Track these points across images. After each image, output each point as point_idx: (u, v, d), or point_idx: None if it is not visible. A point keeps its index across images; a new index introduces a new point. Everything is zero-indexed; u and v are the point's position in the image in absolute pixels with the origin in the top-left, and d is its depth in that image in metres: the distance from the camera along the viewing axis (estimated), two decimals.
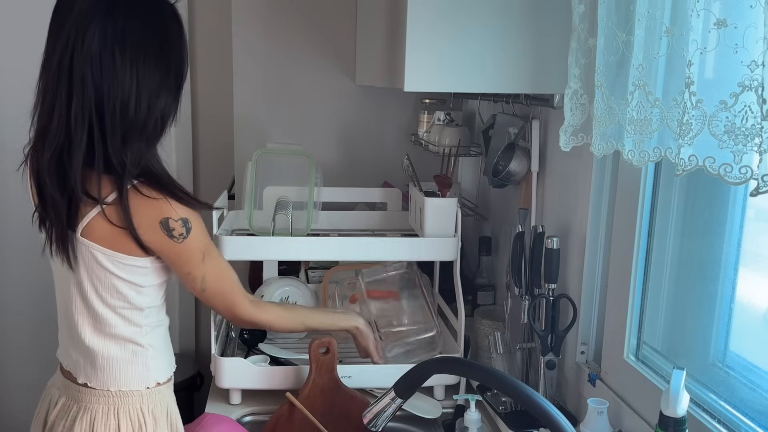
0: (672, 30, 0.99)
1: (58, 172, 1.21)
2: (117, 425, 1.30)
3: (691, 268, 1.30)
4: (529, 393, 1.04)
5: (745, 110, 0.85)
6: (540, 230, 1.53)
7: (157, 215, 1.23)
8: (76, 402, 1.33)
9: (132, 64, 1.19)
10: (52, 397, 1.38)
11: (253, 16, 2.20)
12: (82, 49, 1.16)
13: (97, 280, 1.27)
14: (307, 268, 2.04)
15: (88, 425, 1.30)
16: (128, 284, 1.28)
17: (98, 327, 1.30)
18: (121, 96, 1.19)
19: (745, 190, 1.13)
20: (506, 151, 1.67)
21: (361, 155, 2.32)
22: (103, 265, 1.26)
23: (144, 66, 1.20)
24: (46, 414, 1.38)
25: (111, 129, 1.19)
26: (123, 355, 1.31)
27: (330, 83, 2.26)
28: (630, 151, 1.10)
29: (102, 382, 1.31)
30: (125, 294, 1.28)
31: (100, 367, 1.31)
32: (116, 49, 1.17)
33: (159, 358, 1.37)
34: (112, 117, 1.19)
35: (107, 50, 1.17)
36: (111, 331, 1.30)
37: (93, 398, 1.32)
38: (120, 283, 1.27)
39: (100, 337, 1.30)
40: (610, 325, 1.44)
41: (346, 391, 1.54)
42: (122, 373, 1.32)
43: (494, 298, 1.97)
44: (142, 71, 1.20)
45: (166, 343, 1.41)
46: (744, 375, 1.15)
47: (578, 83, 1.26)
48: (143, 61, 1.20)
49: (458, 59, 1.40)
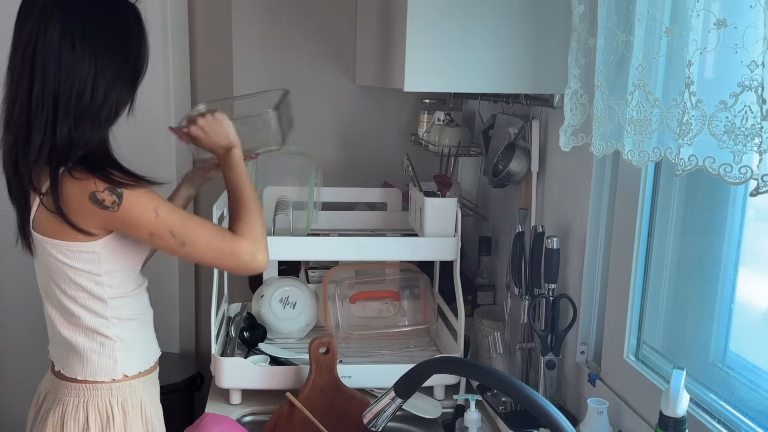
0: (672, 30, 0.99)
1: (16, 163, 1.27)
2: (86, 418, 1.34)
3: (691, 268, 1.30)
4: (529, 393, 1.04)
5: (744, 110, 0.85)
6: (540, 230, 1.53)
7: (84, 193, 1.25)
8: (53, 393, 1.37)
9: (90, 55, 1.24)
10: (41, 391, 1.42)
11: (254, 16, 2.20)
12: (44, 40, 1.23)
13: (54, 272, 1.32)
14: (307, 268, 2.04)
15: (59, 418, 1.34)
16: (83, 274, 1.30)
17: (66, 318, 1.34)
18: (78, 84, 1.24)
19: (744, 190, 1.12)
20: (506, 151, 1.67)
21: (361, 155, 2.32)
22: (54, 256, 1.30)
23: (102, 57, 1.25)
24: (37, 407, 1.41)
25: (64, 114, 1.24)
26: (90, 345, 1.35)
27: (330, 83, 2.26)
28: (630, 151, 1.10)
29: (71, 369, 1.35)
30: (82, 284, 1.31)
31: (71, 355, 1.35)
32: (76, 40, 1.23)
33: (129, 352, 1.38)
34: (67, 103, 1.24)
35: (67, 41, 1.23)
36: (77, 322, 1.34)
37: (65, 390, 1.36)
38: (74, 273, 1.30)
39: (69, 327, 1.35)
40: (610, 325, 1.44)
41: (346, 391, 1.54)
42: (89, 363, 1.35)
43: (494, 298, 1.97)
44: (99, 62, 1.25)
45: (142, 337, 1.43)
46: (744, 375, 1.15)
47: (578, 83, 1.26)
48: (101, 53, 1.25)
49: (458, 59, 1.40)
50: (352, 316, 1.81)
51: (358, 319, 1.82)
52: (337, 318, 1.79)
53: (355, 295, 1.83)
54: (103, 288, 1.32)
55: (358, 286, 1.85)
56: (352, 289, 1.84)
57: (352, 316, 1.82)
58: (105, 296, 1.33)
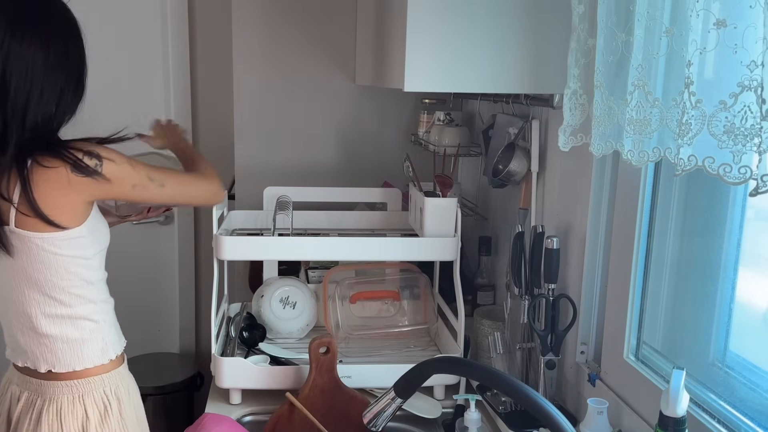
0: (672, 30, 0.99)
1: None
2: (84, 411, 1.38)
3: (691, 268, 1.30)
4: (529, 393, 1.04)
5: (744, 110, 0.85)
6: (540, 230, 1.53)
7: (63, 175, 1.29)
8: (40, 395, 1.39)
9: (31, 46, 1.28)
10: (12, 394, 1.43)
11: (254, 16, 2.20)
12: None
13: (45, 266, 1.34)
14: (307, 268, 2.04)
15: (55, 416, 1.36)
16: (75, 260, 1.35)
17: (52, 312, 1.36)
18: (25, 72, 1.27)
19: (744, 190, 1.12)
20: (506, 151, 1.67)
21: (361, 155, 2.32)
22: (45, 249, 1.32)
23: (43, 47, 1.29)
24: (8, 412, 1.42)
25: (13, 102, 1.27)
26: (81, 334, 1.39)
27: (330, 83, 2.26)
28: (629, 151, 1.10)
29: (66, 364, 1.39)
30: (74, 271, 1.35)
31: (61, 350, 1.38)
32: (18, 33, 1.27)
33: (111, 334, 1.46)
34: (17, 91, 1.27)
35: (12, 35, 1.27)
36: (66, 312, 1.37)
37: (57, 389, 1.38)
38: (66, 261, 1.34)
39: (55, 322, 1.37)
40: (610, 325, 1.44)
41: (346, 391, 1.54)
42: (84, 352, 1.40)
43: (494, 298, 1.97)
44: (40, 52, 1.29)
45: (114, 318, 1.50)
46: (744, 375, 1.15)
47: (578, 83, 1.26)
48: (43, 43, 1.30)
49: (458, 59, 1.40)
50: (352, 316, 1.81)
51: (358, 319, 1.82)
52: (337, 318, 1.79)
53: (355, 295, 1.83)
54: (93, 271, 1.39)
55: (358, 286, 1.85)
56: (352, 289, 1.84)
57: (352, 316, 1.82)
58: (94, 279, 1.40)
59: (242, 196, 2.26)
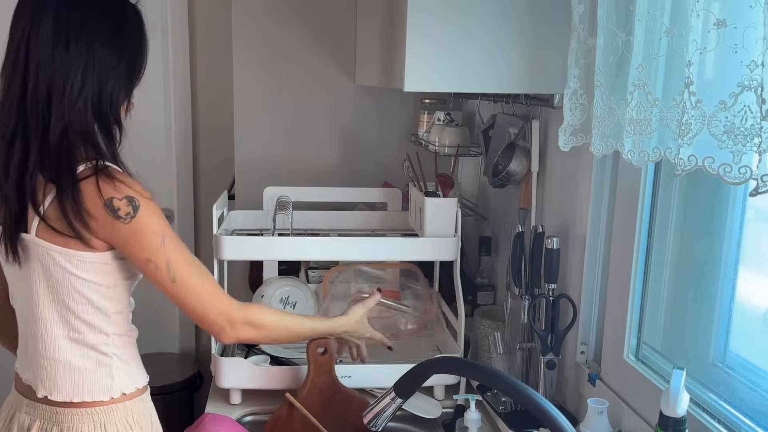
0: (672, 30, 0.99)
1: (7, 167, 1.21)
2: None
3: (691, 268, 1.30)
4: (529, 393, 1.04)
5: (744, 110, 0.85)
6: (540, 230, 1.53)
7: (100, 198, 1.19)
8: (56, 423, 1.28)
9: (82, 51, 1.21)
10: (21, 423, 1.31)
11: (254, 16, 2.20)
12: (37, 36, 1.19)
13: (58, 283, 1.24)
14: (307, 268, 2.04)
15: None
16: (91, 285, 1.25)
17: (57, 333, 1.26)
18: (72, 80, 1.20)
19: (744, 190, 1.12)
20: (506, 151, 1.67)
21: (361, 155, 2.32)
22: (62, 266, 1.23)
23: (94, 54, 1.22)
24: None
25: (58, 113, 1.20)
26: (84, 364, 1.28)
27: (330, 83, 2.26)
28: (629, 151, 1.10)
29: (64, 393, 1.27)
30: (88, 297, 1.25)
31: (62, 377, 1.27)
32: (70, 38, 1.20)
33: (126, 370, 1.32)
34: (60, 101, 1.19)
35: (61, 37, 1.20)
36: (75, 337, 1.27)
37: (76, 417, 1.27)
38: (82, 284, 1.24)
39: (60, 345, 1.27)
40: (610, 325, 1.44)
41: (345, 391, 1.54)
42: (84, 384, 1.28)
43: (494, 298, 1.97)
44: (92, 59, 1.21)
45: (135, 355, 1.37)
46: (744, 375, 1.15)
47: (578, 83, 1.26)
48: (95, 50, 1.22)
49: (458, 59, 1.40)
50: None
51: None
52: None
53: (356, 295, 1.83)
54: (110, 301, 1.27)
55: (358, 286, 1.85)
56: (352, 289, 1.84)
57: None
58: (110, 310, 1.28)
59: (242, 196, 2.26)
